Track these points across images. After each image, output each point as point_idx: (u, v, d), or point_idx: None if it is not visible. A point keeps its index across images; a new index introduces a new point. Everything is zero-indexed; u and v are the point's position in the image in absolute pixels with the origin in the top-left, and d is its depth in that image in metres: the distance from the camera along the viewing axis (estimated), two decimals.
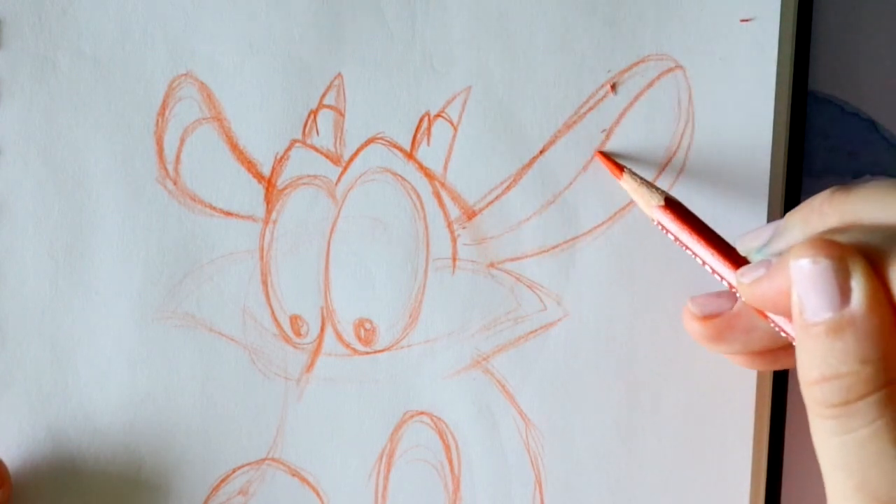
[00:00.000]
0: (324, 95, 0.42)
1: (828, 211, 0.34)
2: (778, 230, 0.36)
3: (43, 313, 0.42)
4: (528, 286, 0.42)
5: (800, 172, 0.44)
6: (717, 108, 0.42)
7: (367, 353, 0.42)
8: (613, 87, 0.42)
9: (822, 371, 0.31)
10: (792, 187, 0.43)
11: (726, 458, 0.42)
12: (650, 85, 0.42)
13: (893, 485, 0.31)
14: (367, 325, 0.42)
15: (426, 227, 0.42)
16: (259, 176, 0.42)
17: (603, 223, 0.42)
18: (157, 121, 0.42)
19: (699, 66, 0.42)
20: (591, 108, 0.42)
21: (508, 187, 0.42)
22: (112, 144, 0.42)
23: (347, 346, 0.42)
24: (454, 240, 0.42)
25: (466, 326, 0.42)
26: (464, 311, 0.42)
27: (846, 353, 0.31)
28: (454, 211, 0.42)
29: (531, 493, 0.42)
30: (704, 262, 0.38)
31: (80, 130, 0.42)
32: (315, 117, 0.42)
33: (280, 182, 0.42)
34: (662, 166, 0.42)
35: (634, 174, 0.40)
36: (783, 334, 0.35)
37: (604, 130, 0.42)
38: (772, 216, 0.42)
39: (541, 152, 0.42)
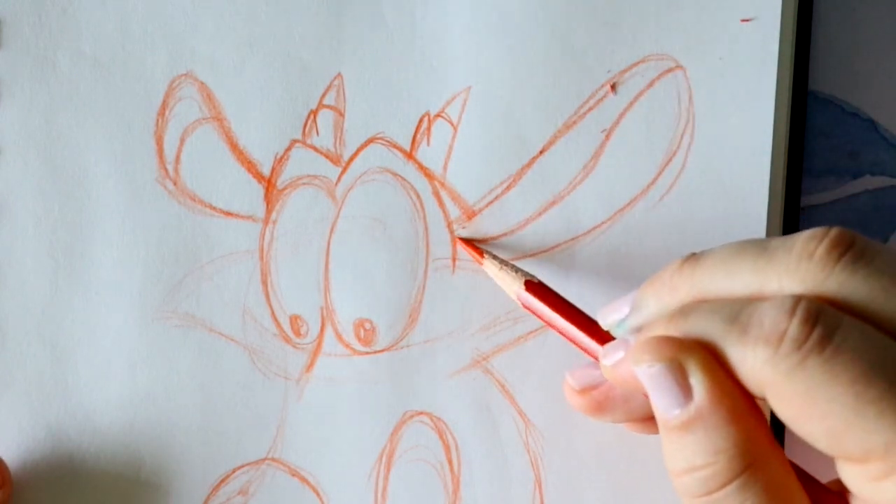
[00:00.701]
0: (324, 95, 0.42)
1: (678, 284, 0.34)
2: (634, 305, 0.36)
3: (43, 313, 0.42)
4: None
5: (800, 172, 0.44)
6: (717, 108, 0.42)
7: (367, 353, 0.42)
8: (613, 87, 0.42)
9: (681, 464, 0.32)
10: (792, 187, 0.43)
11: None
12: (650, 85, 0.42)
13: None
14: (367, 325, 0.42)
15: (426, 227, 0.42)
16: (259, 176, 0.42)
17: (603, 223, 0.42)
18: (157, 121, 0.42)
19: (699, 66, 0.42)
20: (591, 108, 0.42)
21: (508, 187, 0.42)
22: (112, 144, 0.42)
23: (347, 346, 0.42)
24: (454, 240, 0.42)
25: (466, 326, 0.42)
26: (463, 311, 0.42)
27: (699, 447, 0.32)
28: (454, 211, 0.42)
29: (531, 493, 0.42)
30: (571, 340, 0.38)
31: (80, 130, 0.42)
32: (315, 117, 0.42)
33: (280, 182, 0.42)
34: (662, 166, 0.42)
35: (495, 258, 0.41)
36: None
37: (604, 130, 0.42)
38: (772, 216, 0.42)
39: (541, 152, 0.42)
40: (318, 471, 0.42)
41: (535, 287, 0.40)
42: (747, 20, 0.42)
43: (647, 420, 0.38)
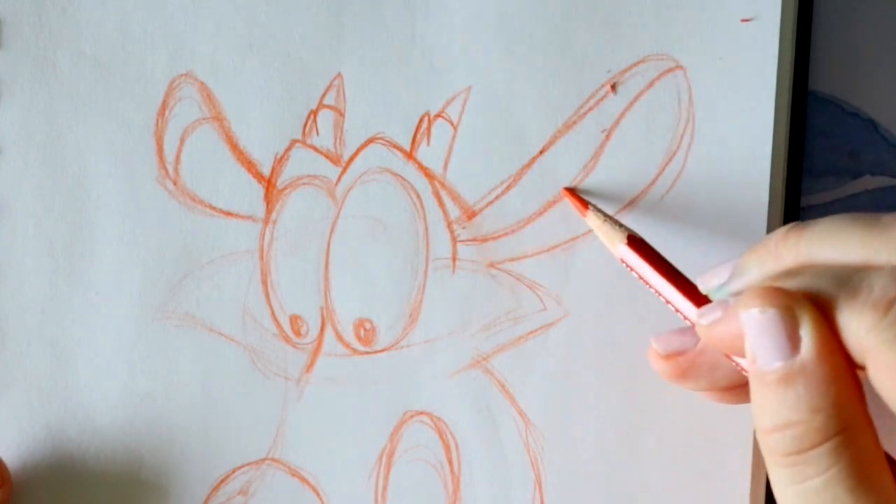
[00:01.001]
0: (324, 95, 0.42)
1: (783, 251, 0.34)
2: (736, 270, 0.36)
3: (43, 313, 0.42)
4: (528, 286, 0.42)
5: (800, 172, 0.44)
6: (718, 108, 0.42)
7: (367, 353, 0.42)
8: (613, 87, 0.42)
9: (775, 420, 0.32)
10: (792, 187, 0.43)
11: (726, 458, 0.42)
12: (650, 85, 0.42)
13: None
14: (367, 325, 0.42)
15: (426, 227, 0.42)
16: (259, 176, 0.42)
17: None
18: (157, 121, 0.42)
19: (699, 66, 0.42)
20: (591, 108, 0.42)
21: (508, 187, 0.42)
22: (112, 144, 0.42)
23: (347, 346, 0.42)
24: (454, 240, 0.42)
25: (466, 326, 0.42)
26: (464, 311, 0.42)
27: (798, 403, 0.31)
28: (454, 211, 0.42)
29: (531, 493, 0.42)
30: (668, 301, 0.38)
31: (80, 130, 0.42)
32: (315, 117, 0.42)
33: (280, 182, 0.42)
34: (662, 166, 0.42)
35: (599, 210, 0.41)
36: (744, 373, 0.36)
37: (604, 130, 0.42)
38: (772, 216, 0.42)
39: (541, 152, 0.42)
40: (318, 471, 0.42)
41: (637, 243, 0.39)
42: (747, 20, 0.42)
43: (729, 389, 0.38)
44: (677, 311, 0.38)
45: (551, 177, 0.42)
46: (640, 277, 0.39)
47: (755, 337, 0.32)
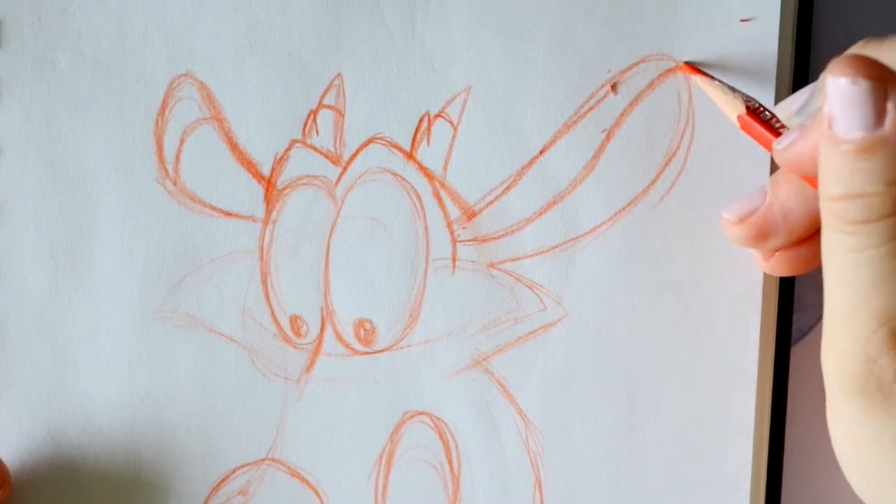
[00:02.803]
0: (324, 95, 0.42)
1: None
2: (815, 90, 0.35)
3: (43, 313, 0.42)
4: (528, 286, 0.42)
5: None
6: (718, 108, 0.42)
7: (367, 353, 0.42)
8: (613, 87, 0.42)
9: (847, 189, 0.31)
10: None
11: (726, 458, 0.42)
12: (650, 85, 0.42)
13: None
14: (367, 326, 0.42)
15: (426, 227, 0.42)
16: (259, 176, 0.42)
17: (603, 223, 0.42)
18: (157, 121, 0.42)
19: (699, 65, 0.42)
20: (591, 108, 0.42)
21: (508, 187, 0.42)
22: (112, 144, 0.42)
23: (347, 346, 0.42)
24: (454, 240, 0.42)
25: (466, 326, 0.42)
26: (464, 312, 0.42)
27: (874, 174, 0.31)
28: (454, 211, 0.42)
29: (531, 494, 0.42)
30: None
31: (80, 130, 0.42)
32: (315, 117, 0.42)
33: (280, 182, 0.42)
34: (662, 166, 0.42)
35: (719, 81, 0.41)
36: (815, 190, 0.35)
37: (604, 130, 0.42)
38: None
39: (541, 152, 0.42)
40: (318, 471, 0.42)
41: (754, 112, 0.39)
42: (747, 20, 0.42)
43: (808, 241, 0.38)
44: (757, 138, 0.38)
45: (551, 177, 0.42)
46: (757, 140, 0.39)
47: (839, 105, 0.31)
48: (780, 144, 0.35)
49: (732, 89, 0.40)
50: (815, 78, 0.45)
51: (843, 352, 0.32)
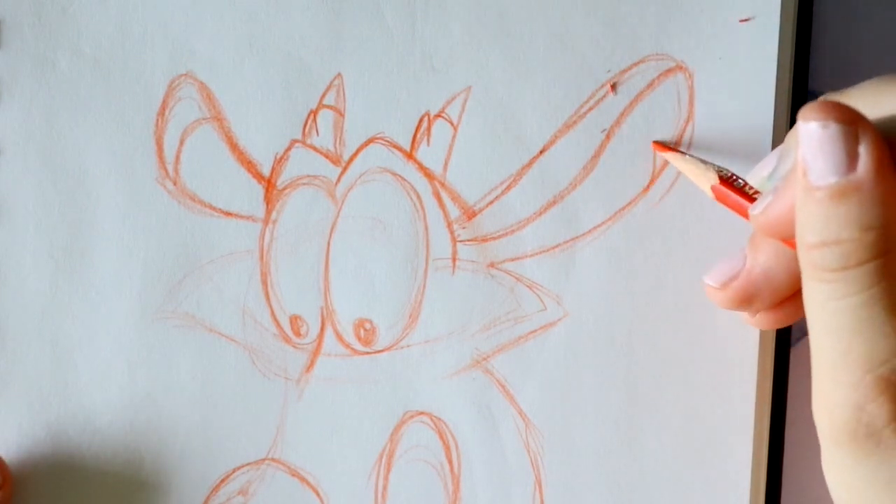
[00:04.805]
0: (324, 95, 0.42)
1: None
2: (782, 153, 0.35)
3: (43, 313, 0.42)
4: (528, 286, 0.42)
5: None
6: (718, 108, 0.42)
7: (367, 353, 0.42)
8: (613, 87, 0.42)
9: (822, 236, 0.31)
10: None
11: (726, 458, 0.42)
12: (650, 85, 0.42)
13: (882, 351, 0.31)
14: (367, 326, 0.42)
15: (426, 227, 0.42)
16: (259, 176, 0.42)
17: (603, 223, 0.42)
18: (157, 121, 0.42)
19: (699, 65, 0.42)
20: (591, 108, 0.42)
21: (508, 187, 0.42)
22: (112, 144, 0.42)
23: (347, 346, 0.42)
24: (454, 240, 0.42)
25: (466, 326, 0.42)
26: (464, 312, 0.42)
27: (848, 219, 0.31)
28: (454, 211, 0.42)
29: (531, 494, 0.42)
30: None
31: (80, 130, 0.42)
32: (315, 117, 0.42)
33: (280, 182, 0.42)
34: (663, 166, 0.42)
35: (690, 155, 0.41)
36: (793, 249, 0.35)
37: (604, 130, 0.42)
38: None
39: (541, 152, 0.42)
40: (318, 471, 0.42)
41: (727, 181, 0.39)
42: (747, 20, 0.42)
43: (791, 300, 0.38)
44: (733, 207, 0.38)
45: (551, 177, 0.42)
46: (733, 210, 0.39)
47: (811, 150, 0.31)
48: (755, 209, 0.35)
49: (704, 161, 0.40)
50: (815, 78, 0.45)
51: (831, 400, 0.32)
